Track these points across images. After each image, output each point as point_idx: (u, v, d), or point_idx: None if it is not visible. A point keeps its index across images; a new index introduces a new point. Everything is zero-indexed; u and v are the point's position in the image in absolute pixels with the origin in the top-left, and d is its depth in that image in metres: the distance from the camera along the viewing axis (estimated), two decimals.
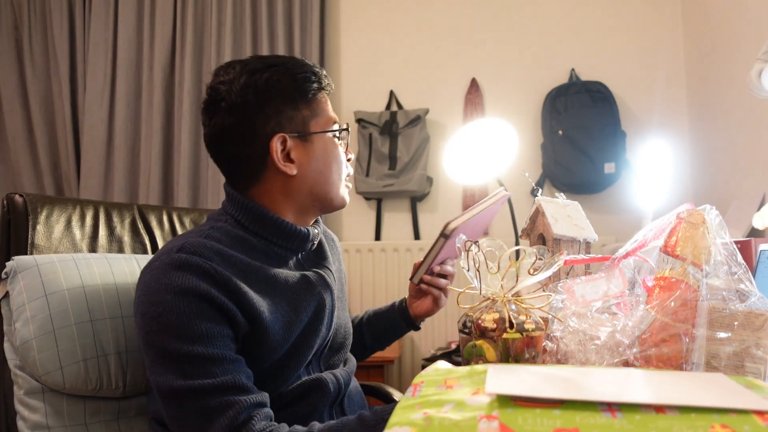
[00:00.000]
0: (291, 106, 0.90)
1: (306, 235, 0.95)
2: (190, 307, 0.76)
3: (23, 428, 0.89)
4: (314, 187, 0.93)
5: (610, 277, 0.78)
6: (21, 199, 0.98)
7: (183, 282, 0.77)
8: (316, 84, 0.93)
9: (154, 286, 0.79)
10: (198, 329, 0.76)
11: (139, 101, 2.76)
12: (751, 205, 1.87)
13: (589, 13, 2.64)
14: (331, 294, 0.96)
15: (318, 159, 0.93)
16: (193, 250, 0.80)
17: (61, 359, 0.89)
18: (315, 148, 0.92)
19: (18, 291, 0.90)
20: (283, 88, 0.90)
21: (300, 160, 0.91)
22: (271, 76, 0.89)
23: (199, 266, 0.78)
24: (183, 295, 0.77)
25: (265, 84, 0.89)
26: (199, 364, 0.75)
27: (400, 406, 0.45)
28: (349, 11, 2.79)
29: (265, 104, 0.89)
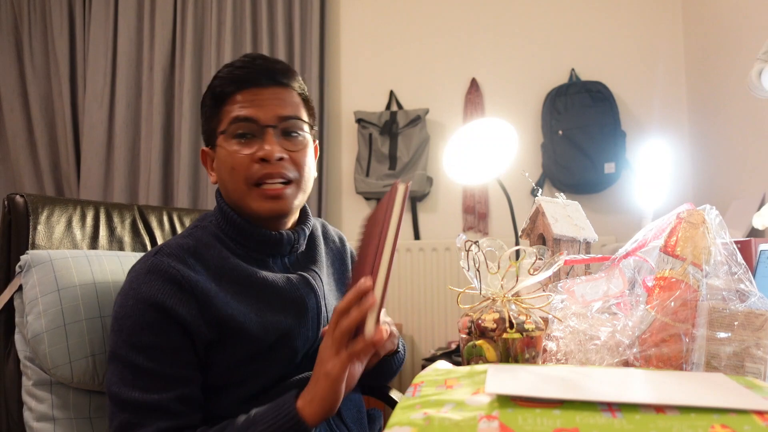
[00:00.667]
0: (205, 117, 0.95)
1: (278, 239, 0.93)
2: (143, 317, 0.79)
3: (29, 419, 0.91)
4: (227, 195, 0.93)
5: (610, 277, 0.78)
6: (22, 200, 0.99)
7: (146, 291, 0.80)
8: (225, 89, 0.90)
9: (126, 288, 0.83)
10: (146, 339, 0.79)
11: (139, 101, 2.76)
12: (751, 205, 1.87)
13: (589, 13, 2.64)
14: (316, 296, 0.94)
15: (218, 167, 0.93)
16: (168, 252, 0.84)
17: (71, 354, 0.91)
18: (217, 155, 0.93)
19: (31, 285, 0.92)
20: (203, 104, 0.96)
21: (215, 169, 0.95)
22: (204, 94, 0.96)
23: (167, 272, 0.81)
24: (142, 303, 0.80)
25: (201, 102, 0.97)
26: (137, 375, 0.78)
27: (400, 406, 0.45)
28: (349, 11, 2.79)
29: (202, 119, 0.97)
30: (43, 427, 0.90)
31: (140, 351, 0.78)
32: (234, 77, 0.91)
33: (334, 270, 1.08)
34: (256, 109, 0.89)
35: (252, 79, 0.90)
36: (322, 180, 2.62)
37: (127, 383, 0.77)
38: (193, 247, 0.87)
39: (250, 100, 0.89)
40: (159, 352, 0.79)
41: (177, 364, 0.80)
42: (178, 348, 0.80)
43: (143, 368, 0.78)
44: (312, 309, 0.93)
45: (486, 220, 2.62)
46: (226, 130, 0.90)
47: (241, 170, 0.88)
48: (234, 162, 0.88)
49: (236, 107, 0.89)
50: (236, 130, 0.89)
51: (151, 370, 0.78)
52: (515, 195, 1.63)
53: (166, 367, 0.79)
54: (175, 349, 0.80)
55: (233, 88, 0.90)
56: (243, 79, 0.90)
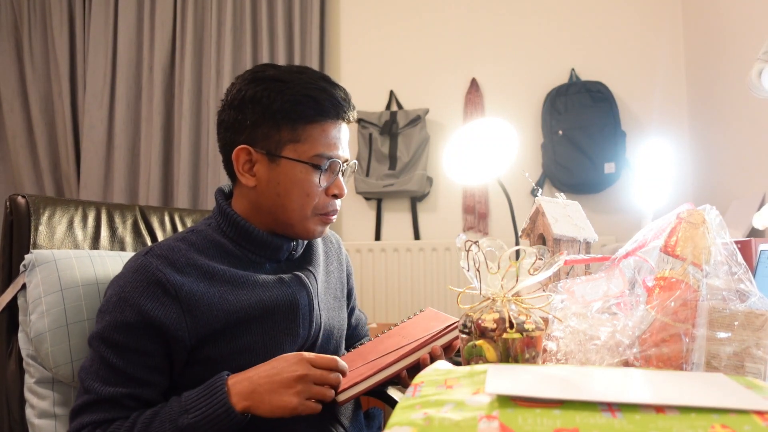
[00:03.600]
0: (270, 123, 0.90)
1: (279, 245, 0.95)
2: (122, 316, 0.82)
3: (30, 416, 0.92)
4: (273, 208, 0.93)
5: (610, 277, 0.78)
6: (23, 200, 0.99)
7: (130, 291, 0.83)
8: (312, 111, 0.89)
9: (115, 282, 0.86)
10: (117, 337, 0.82)
11: (139, 101, 2.76)
12: (751, 205, 1.87)
13: (589, 13, 2.64)
14: (308, 295, 0.95)
15: (279, 183, 0.91)
16: (159, 252, 0.87)
17: (72, 353, 0.92)
18: (280, 171, 0.90)
19: (35, 284, 0.93)
20: (268, 105, 0.89)
21: (261, 176, 0.92)
22: (263, 89, 0.89)
23: (153, 275, 0.84)
24: (123, 303, 0.83)
25: (252, 96, 0.90)
26: (102, 366, 0.82)
27: (400, 406, 0.45)
28: (349, 11, 2.79)
29: (246, 114, 0.90)
30: (45, 424, 0.91)
31: (110, 346, 0.82)
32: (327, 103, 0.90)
33: (332, 270, 1.09)
34: (342, 148, 0.93)
35: (342, 114, 0.92)
36: None
37: (93, 372, 0.83)
38: (185, 249, 0.89)
39: (338, 137, 0.92)
40: (128, 352, 0.82)
41: (141, 367, 0.83)
42: (148, 353, 0.84)
43: (109, 362, 0.82)
44: (304, 306, 0.94)
45: (486, 220, 2.62)
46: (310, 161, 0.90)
47: (314, 199, 0.92)
48: (311, 190, 0.91)
49: (325, 141, 0.90)
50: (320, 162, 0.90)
51: (115, 366, 0.82)
52: (515, 195, 1.63)
53: (129, 367, 0.82)
54: (145, 352, 0.83)
55: (323, 117, 0.90)
56: (335, 111, 0.91)
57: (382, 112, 2.63)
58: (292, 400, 0.78)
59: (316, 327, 0.97)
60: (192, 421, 0.77)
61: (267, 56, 2.67)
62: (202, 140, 2.72)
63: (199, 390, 0.81)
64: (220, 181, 2.65)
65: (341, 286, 1.11)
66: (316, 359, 0.81)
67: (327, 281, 1.06)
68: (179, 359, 0.86)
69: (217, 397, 0.79)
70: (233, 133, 0.92)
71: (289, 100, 0.88)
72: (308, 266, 1.00)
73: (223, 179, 2.64)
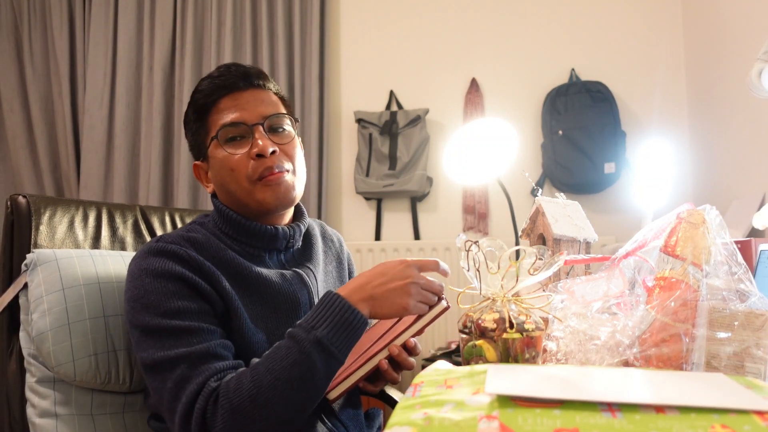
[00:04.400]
0: (192, 132, 0.98)
1: (274, 233, 0.96)
2: (167, 287, 0.83)
3: (32, 415, 0.92)
4: (228, 199, 0.96)
5: (610, 277, 0.78)
6: (24, 200, 0.99)
7: (160, 266, 0.84)
8: (203, 101, 0.94)
9: (136, 272, 0.86)
10: (175, 305, 0.82)
11: (139, 101, 2.76)
12: (751, 205, 1.87)
13: (589, 13, 2.64)
14: (308, 292, 0.97)
15: (216, 174, 0.96)
16: (169, 240, 0.88)
17: (74, 352, 0.93)
18: (211, 164, 0.96)
19: (37, 283, 0.93)
20: (187, 120, 0.99)
21: (211, 179, 0.98)
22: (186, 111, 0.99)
23: (174, 252, 0.85)
24: (160, 277, 0.83)
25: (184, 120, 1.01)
26: (178, 336, 0.80)
27: (400, 406, 0.46)
28: (349, 11, 2.79)
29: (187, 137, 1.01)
30: (45, 424, 0.92)
31: (173, 316, 0.81)
32: (213, 86, 0.94)
33: (332, 269, 1.10)
34: (241, 111, 0.93)
35: (230, 85, 0.94)
36: (322, 180, 2.62)
37: (170, 346, 0.79)
38: (193, 239, 0.90)
39: (232, 105, 0.93)
40: (191, 313, 0.82)
41: (210, 321, 0.84)
42: (206, 311, 0.84)
43: (181, 328, 0.80)
44: (304, 304, 0.95)
45: (486, 220, 2.62)
46: (217, 136, 0.93)
47: (241, 169, 0.92)
48: (232, 163, 0.92)
49: (221, 114, 0.93)
50: (226, 135, 0.93)
51: (189, 328, 0.81)
52: (515, 195, 1.63)
53: (202, 323, 0.82)
54: (204, 311, 0.84)
55: (215, 97, 0.94)
56: (222, 86, 0.94)
57: (382, 112, 2.63)
58: (408, 302, 0.82)
59: None
60: (325, 332, 0.77)
61: (267, 56, 2.67)
62: None
63: (313, 310, 0.81)
64: None
65: (341, 284, 1.11)
66: (421, 263, 0.84)
67: (326, 280, 1.07)
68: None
69: (338, 305, 0.79)
70: None
71: (191, 105, 0.97)
72: (308, 263, 1.02)
73: None
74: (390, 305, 0.81)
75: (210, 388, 0.76)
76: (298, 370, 0.76)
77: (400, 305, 0.82)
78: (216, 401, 0.75)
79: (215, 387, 0.76)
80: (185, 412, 0.76)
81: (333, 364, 0.79)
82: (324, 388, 0.81)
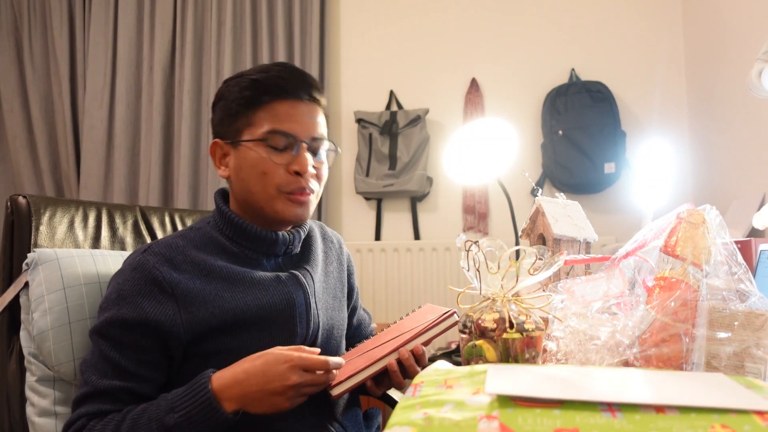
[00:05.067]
0: (230, 114, 0.95)
1: (274, 239, 0.96)
2: (120, 313, 0.84)
3: (31, 414, 0.93)
4: (245, 196, 0.95)
5: (610, 277, 0.78)
6: (24, 201, 0.99)
7: (128, 289, 0.86)
8: (261, 93, 0.92)
9: (115, 279, 0.89)
10: (114, 333, 0.84)
11: (139, 101, 2.76)
12: (751, 205, 1.87)
13: (589, 13, 2.64)
14: (305, 294, 0.96)
15: (241, 168, 0.94)
16: (157, 250, 0.89)
17: (75, 351, 0.93)
18: (240, 156, 0.94)
19: (38, 282, 0.94)
20: (227, 98, 0.96)
21: (231, 165, 0.96)
22: (225, 86, 0.97)
23: (150, 273, 0.86)
24: (122, 300, 0.85)
25: (220, 94, 0.97)
26: (100, 358, 0.84)
27: (400, 406, 0.46)
28: (349, 11, 2.79)
29: (216, 112, 0.98)
30: (45, 423, 0.92)
31: (108, 341, 0.84)
32: (273, 84, 0.93)
33: (331, 270, 1.10)
34: (295, 124, 0.93)
35: (292, 91, 0.93)
36: None
37: (91, 365, 0.85)
38: (183, 246, 0.90)
39: (289, 113, 0.93)
40: (125, 347, 0.84)
41: (137, 363, 0.85)
42: (144, 349, 0.85)
43: (106, 356, 0.84)
44: (300, 305, 0.94)
45: (486, 220, 2.62)
46: (263, 138, 0.91)
47: (274, 177, 0.92)
48: (267, 167, 0.92)
49: (276, 118, 0.92)
50: (273, 141, 0.92)
51: (112, 360, 0.84)
52: (515, 195, 1.63)
53: (124, 361, 0.84)
54: (141, 349, 0.85)
55: (271, 96, 0.92)
56: (284, 89, 0.93)
57: (382, 112, 2.64)
58: (284, 404, 0.80)
59: (315, 326, 0.97)
60: (178, 420, 0.78)
61: (267, 56, 2.67)
62: (202, 140, 2.72)
63: (184, 388, 0.81)
64: (219, 182, 2.65)
65: (341, 285, 1.11)
66: (308, 363, 0.80)
67: (326, 281, 1.06)
68: (176, 355, 0.87)
69: (201, 396, 0.79)
70: (212, 133, 1.00)
71: (241, 88, 0.94)
72: (305, 265, 1.01)
73: (223, 180, 2.63)
74: (262, 406, 0.80)
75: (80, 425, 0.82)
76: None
77: (274, 406, 0.80)
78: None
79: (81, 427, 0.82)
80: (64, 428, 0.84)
81: None
82: None
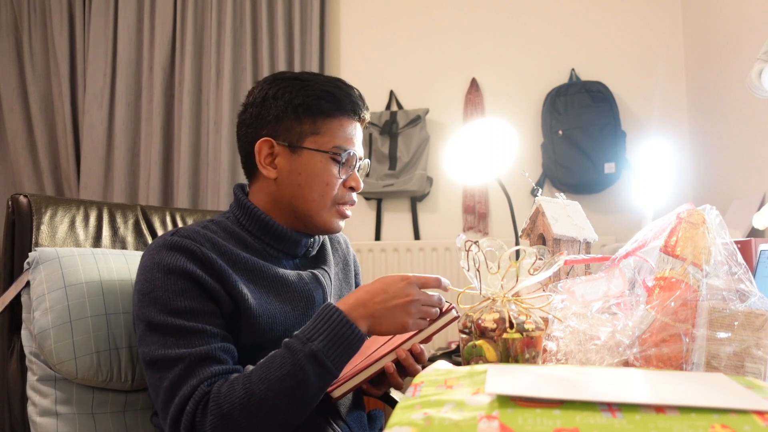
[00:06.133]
0: (292, 116, 0.94)
1: (297, 240, 0.97)
2: (176, 285, 0.83)
3: (32, 413, 0.92)
4: (293, 200, 0.95)
5: (610, 277, 0.78)
6: (25, 200, 0.99)
7: (171, 261, 0.84)
8: (331, 106, 0.94)
9: (149, 265, 0.86)
10: (182, 305, 0.82)
11: (139, 101, 2.76)
12: (751, 205, 1.86)
13: (589, 13, 2.64)
14: (323, 292, 0.98)
15: (300, 173, 0.94)
16: (185, 234, 0.87)
17: (76, 350, 0.93)
18: (301, 161, 0.94)
19: (39, 281, 0.93)
20: (290, 100, 0.94)
21: (282, 167, 0.95)
22: (285, 87, 0.95)
23: (187, 247, 0.85)
24: (170, 273, 0.83)
25: (275, 93, 0.95)
26: (180, 336, 0.81)
27: (400, 406, 0.46)
28: (349, 11, 2.79)
29: (269, 110, 0.95)
30: (46, 422, 0.92)
31: (178, 315, 0.82)
32: (347, 100, 0.96)
33: (339, 270, 1.12)
34: (357, 143, 0.98)
35: (357, 111, 0.97)
36: None
37: (172, 345, 0.80)
38: (209, 236, 0.90)
39: (354, 132, 0.97)
40: (196, 313, 0.83)
41: (214, 323, 0.84)
42: (212, 311, 0.84)
43: (185, 328, 0.81)
44: (319, 303, 0.96)
45: (486, 220, 2.62)
46: (332, 151, 0.94)
47: (332, 189, 0.95)
48: (329, 179, 0.94)
49: (344, 134, 0.96)
50: (341, 157, 0.94)
51: (193, 329, 0.81)
52: (515, 195, 1.63)
53: (206, 325, 0.82)
54: (210, 311, 0.84)
55: (342, 112, 0.95)
56: (353, 108, 0.97)
57: (382, 112, 2.64)
58: (407, 321, 0.83)
59: None
60: (321, 345, 0.78)
61: (267, 56, 2.67)
62: (202, 140, 2.72)
63: (311, 321, 0.82)
64: (219, 181, 2.65)
65: (348, 286, 1.14)
66: (422, 280, 0.85)
67: (336, 281, 1.08)
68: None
69: (337, 319, 0.80)
70: (255, 129, 0.96)
71: (309, 95, 0.94)
72: (323, 265, 1.03)
73: (223, 179, 2.64)
74: (389, 323, 0.82)
75: (202, 392, 0.77)
76: (291, 381, 0.76)
77: (400, 324, 0.83)
78: (206, 406, 0.76)
79: (207, 391, 0.77)
80: (176, 414, 0.77)
81: (327, 377, 0.79)
82: (316, 400, 0.81)
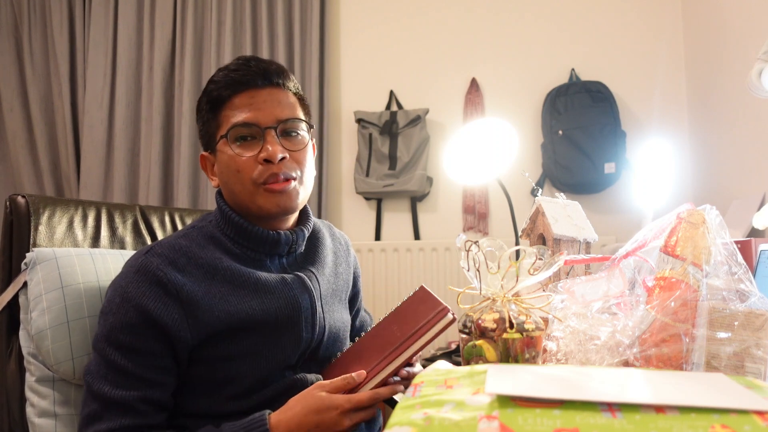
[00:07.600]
0: (203, 123, 0.96)
1: (276, 239, 0.94)
2: (126, 316, 0.82)
3: (31, 415, 0.92)
4: (231, 198, 0.94)
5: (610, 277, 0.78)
6: (23, 200, 0.99)
7: (133, 291, 0.83)
8: (223, 91, 0.91)
9: (117, 283, 0.86)
10: (124, 339, 0.82)
11: (139, 101, 2.76)
12: (751, 205, 1.86)
13: (589, 13, 2.64)
14: (310, 297, 0.94)
15: (222, 172, 0.94)
16: (159, 251, 0.86)
17: (73, 351, 0.93)
18: (218, 160, 0.94)
19: (36, 281, 0.93)
20: (200, 109, 0.96)
21: (217, 173, 0.96)
22: (199, 98, 0.96)
23: (154, 275, 0.84)
24: (127, 302, 0.83)
25: (196, 108, 0.98)
26: (110, 369, 0.81)
27: (400, 406, 0.46)
28: (349, 11, 2.79)
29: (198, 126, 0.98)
30: (45, 423, 0.92)
31: (117, 348, 0.82)
32: (230, 80, 0.91)
33: (340, 272, 1.08)
34: (255, 112, 0.90)
35: (248, 81, 0.91)
36: (322, 180, 2.62)
37: (101, 375, 0.81)
38: (186, 247, 0.89)
39: (248, 103, 0.90)
40: (134, 353, 0.82)
41: (149, 368, 0.83)
42: (154, 353, 0.83)
43: (116, 365, 0.81)
44: (306, 309, 0.93)
45: (486, 220, 2.62)
46: (227, 134, 0.90)
47: (247, 172, 0.90)
48: (239, 165, 0.90)
49: (235, 111, 0.90)
50: (237, 134, 0.90)
51: (124, 368, 0.81)
52: (515, 195, 1.63)
53: (137, 368, 0.82)
54: (151, 353, 0.83)
55: (230, 92, 0.91)
56: (239, 82, 0.91)
57: (382, 112, 2.64)
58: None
59: (320, 330, 0.95)
60: None
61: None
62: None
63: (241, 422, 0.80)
64: None
65: (347, 288, 1.10)
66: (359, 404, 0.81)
67: (335, 282, 1.04)
68: (182, 359, 0.86)
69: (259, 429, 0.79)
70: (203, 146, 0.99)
71: (207, 93, 0.94)
72: (311, 267, 0.99)
73: None
74: None
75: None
76: None
77: None
78: None
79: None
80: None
81: None
82: None
